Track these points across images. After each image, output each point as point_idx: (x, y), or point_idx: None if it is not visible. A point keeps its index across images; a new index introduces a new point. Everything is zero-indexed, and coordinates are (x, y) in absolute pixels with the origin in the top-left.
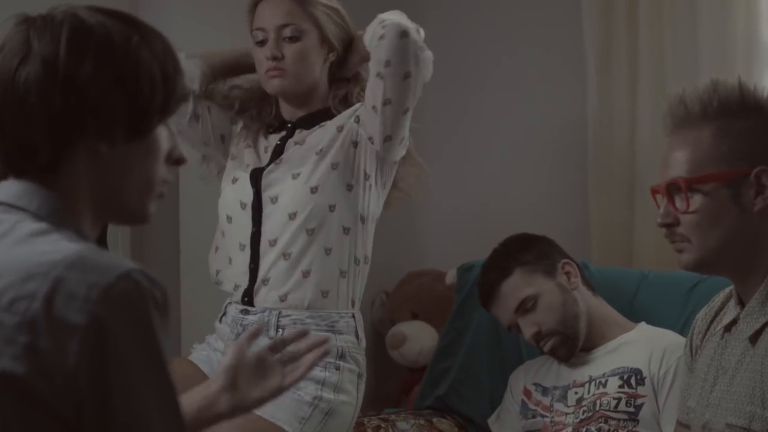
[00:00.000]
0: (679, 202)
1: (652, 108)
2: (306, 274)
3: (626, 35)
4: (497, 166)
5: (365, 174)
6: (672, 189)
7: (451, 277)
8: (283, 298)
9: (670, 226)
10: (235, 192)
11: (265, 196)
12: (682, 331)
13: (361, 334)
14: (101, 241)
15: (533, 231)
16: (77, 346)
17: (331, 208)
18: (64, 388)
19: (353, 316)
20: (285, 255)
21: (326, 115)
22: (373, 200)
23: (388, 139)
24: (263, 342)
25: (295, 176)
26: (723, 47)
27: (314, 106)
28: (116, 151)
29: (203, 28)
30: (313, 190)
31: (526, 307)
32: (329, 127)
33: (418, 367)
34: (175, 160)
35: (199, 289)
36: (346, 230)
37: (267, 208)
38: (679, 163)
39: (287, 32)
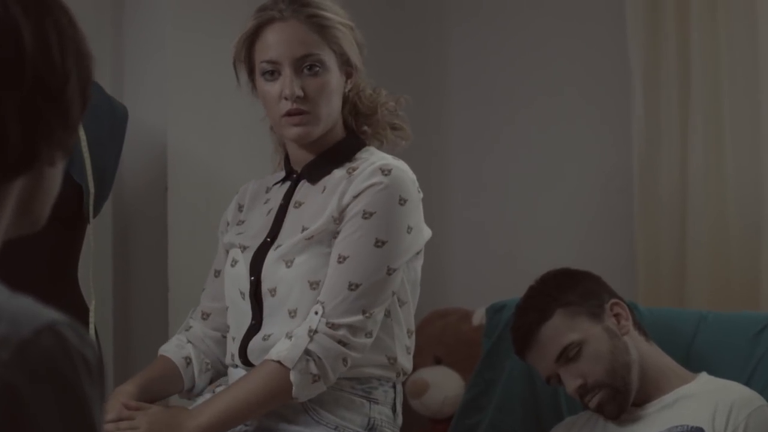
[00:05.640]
0: None
1: (704, 128)
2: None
3: (675, 45)
4: (530, 193)
5: None
6: None
7: (478, 317)
8: None
9: None
10: (232, 279)
11: (264, 287)
12: (749, 382)
13: (399, 409)
14: (74, 301)
15: (572, 266)
16: None
17: None
18: None
19: (394, 387)
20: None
21: (335, 156)
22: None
23: None
24: None
25: (288, 264)
26: None
27: (327, 143)
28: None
29: (195, 35)
30: (313, 285)
31: (568, 355)
32: (329, 201)
33: (441, 418)
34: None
35: None
36: None
37: (267, 301)
38: None
39: (307, 65)
